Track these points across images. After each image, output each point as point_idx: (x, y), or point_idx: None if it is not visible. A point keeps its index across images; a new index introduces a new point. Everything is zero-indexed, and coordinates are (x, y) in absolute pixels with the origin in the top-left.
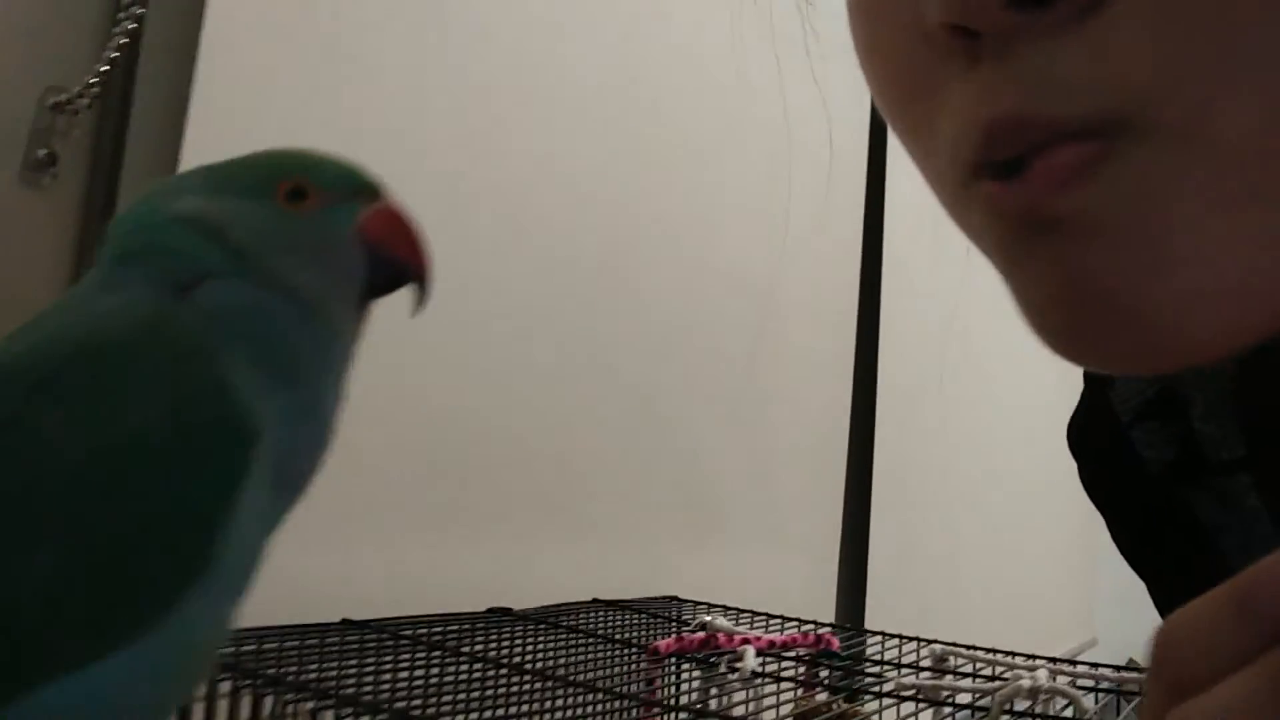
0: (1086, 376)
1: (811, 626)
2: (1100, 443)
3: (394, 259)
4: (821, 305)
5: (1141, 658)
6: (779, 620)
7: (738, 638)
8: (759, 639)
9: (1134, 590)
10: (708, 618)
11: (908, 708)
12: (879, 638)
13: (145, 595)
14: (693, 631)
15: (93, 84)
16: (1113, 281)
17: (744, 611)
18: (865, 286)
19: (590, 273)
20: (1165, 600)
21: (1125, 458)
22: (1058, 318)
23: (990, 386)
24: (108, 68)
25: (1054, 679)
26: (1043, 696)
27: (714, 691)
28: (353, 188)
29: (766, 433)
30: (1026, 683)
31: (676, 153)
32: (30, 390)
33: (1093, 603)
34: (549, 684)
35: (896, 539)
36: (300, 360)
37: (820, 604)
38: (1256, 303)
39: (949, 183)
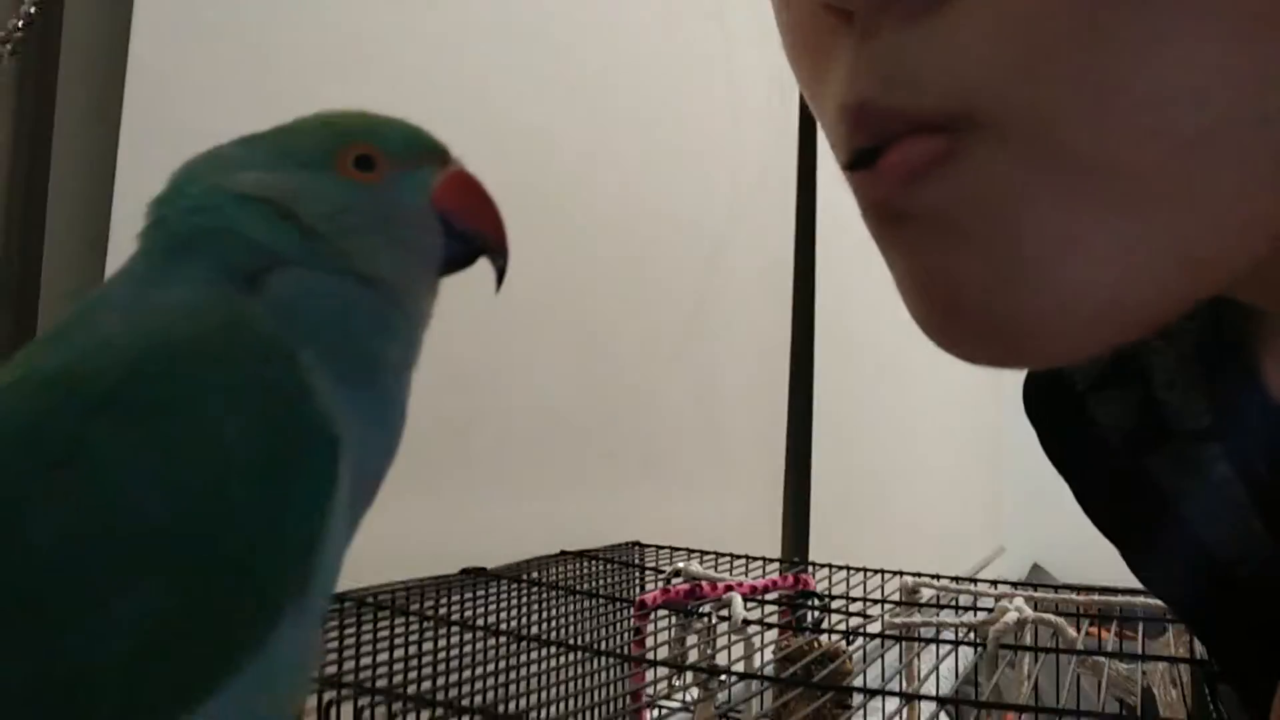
0: None
1: (778, 566)
2: (1057, 410)
3: (472, 231)
4: (763, 258)
5: (1045, 564)
6: (743, 560)
7: (721, 585)
8: (741, 585)
9: (1034, 505)
10: (682, 564)
11: (912, 644)
12: (846, 572)
13: (242, 631)
14: (665, 579)
15: (15, 29)
16: (961, 282)
17: (706, 553)
18: (801, 242)
19: (547, 233)
20: (1135, 563)
21: (1083, 426)
22: (917, 311)
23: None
24: (32, 9)
25: (1034, 607)
26: (1028, 627)
27: (691, 640)
28: (420, 152)
29: (714, 381)
30: (1013, 616)
31: (633, 110)
32: (90, 411)
33: (999, 516)
34: (545, 647)
35: (835, 473)
36: (375, 357)
37: (768, 539)
38: (1107, 310)
39: (839, 154)
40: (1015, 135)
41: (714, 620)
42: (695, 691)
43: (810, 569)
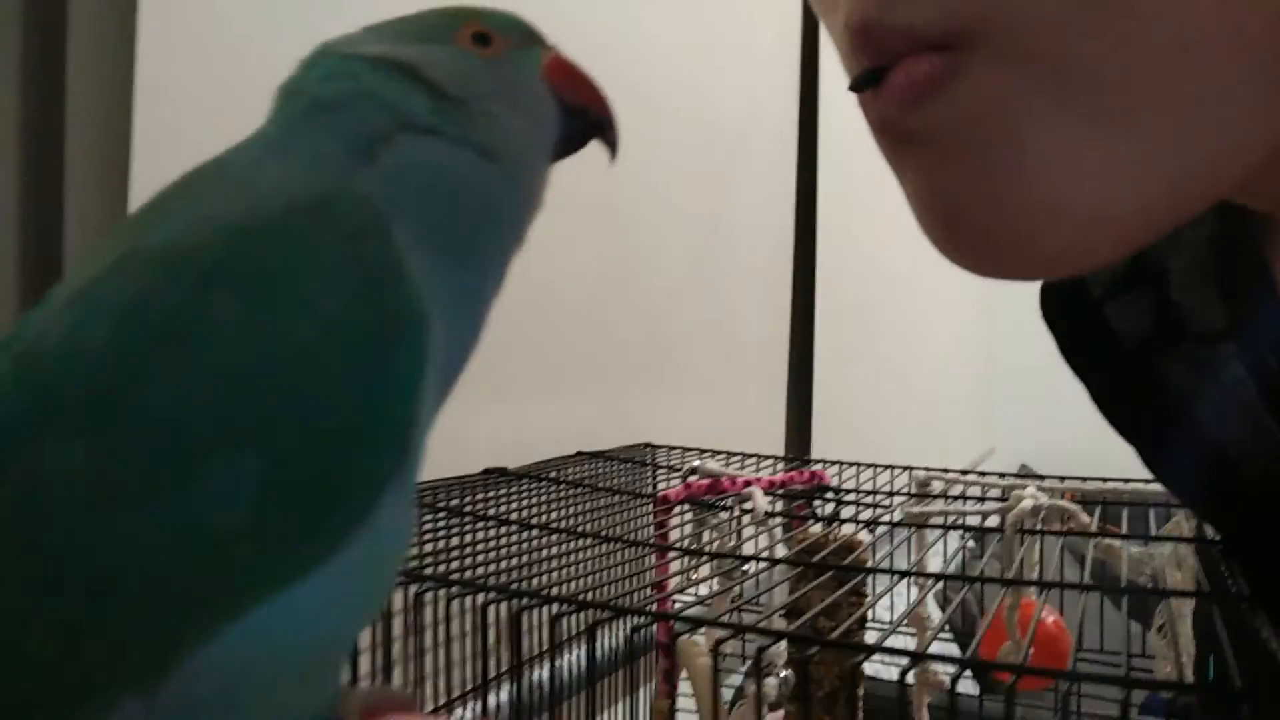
0: None
1: (783, 464)
2: (1074, 315)
3: (582, 105)
4: (769, 177)
5: (1032, 464)
6: (753, 459)
7: (740, 480)
8: (759, 480)
9: (1022, 406)
10: (696, 463)
11: (926, 535)
12: (856, 468)
13: (348, 502)
14: (682, 476)
15: None
16: (963, 197)
17: (717, 453)
18: (803, 160)
19: None
20: (1152, 462)
21: (1100, 330)
22: (928, 227)
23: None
24: None
25: (1048, 496)
26: (1043, 514)
27: (708, 536)
28: (527, 34)
29: (721, 290)
30: (1029, 502)
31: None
32: (195, 285)
33: (989, 419)
34: (574, 539)
35: (835, 378)
36: (478, 238)
37: (771, 441)
38: (1104, 220)
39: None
40: (1010, 51)
41: (737, 513)
42: (715, 584)
43: (822, 466)
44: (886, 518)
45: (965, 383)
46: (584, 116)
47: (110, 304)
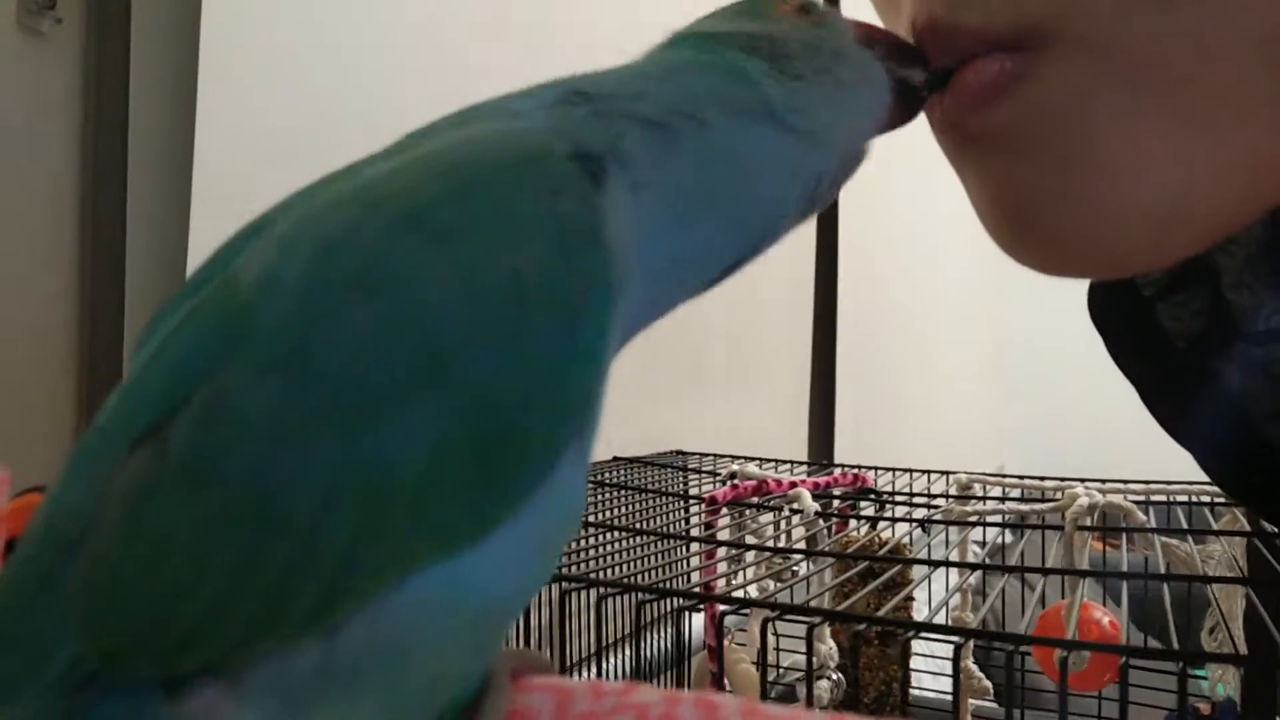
0: None
1: (818, 469)
2: (1123, 315)
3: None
4: None
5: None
6: (786, 464)
7: (786, 481)
8: (805, 481)
9: (1033, 420)
10: (736, 466)
11: (982, 533)
12: (893, 474)
13: (526, 464)
14: (721, 480)
15: None
16: (1033, 195)
17: (750, 458)
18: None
19: None
20: (1204, 462)
21: (1150, 331)
22: (993, 226)
23: (933, 254)
24: None
25: (1104, 495)
26: (1099, 511)
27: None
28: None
29: (745, 303)
30: (1085, 500)
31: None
32: (390, 230)
33: (1000, 434)
34: (632, 536)
35: (857, 390)
36: (736, 206)
37: (795, 448)
38: (1175, 217)
39: None
40: (1083, 49)
41: (787, 513)
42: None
43: (858, 470)
44: (938, 516)
45: (981, 398)
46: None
47: (311, 239)
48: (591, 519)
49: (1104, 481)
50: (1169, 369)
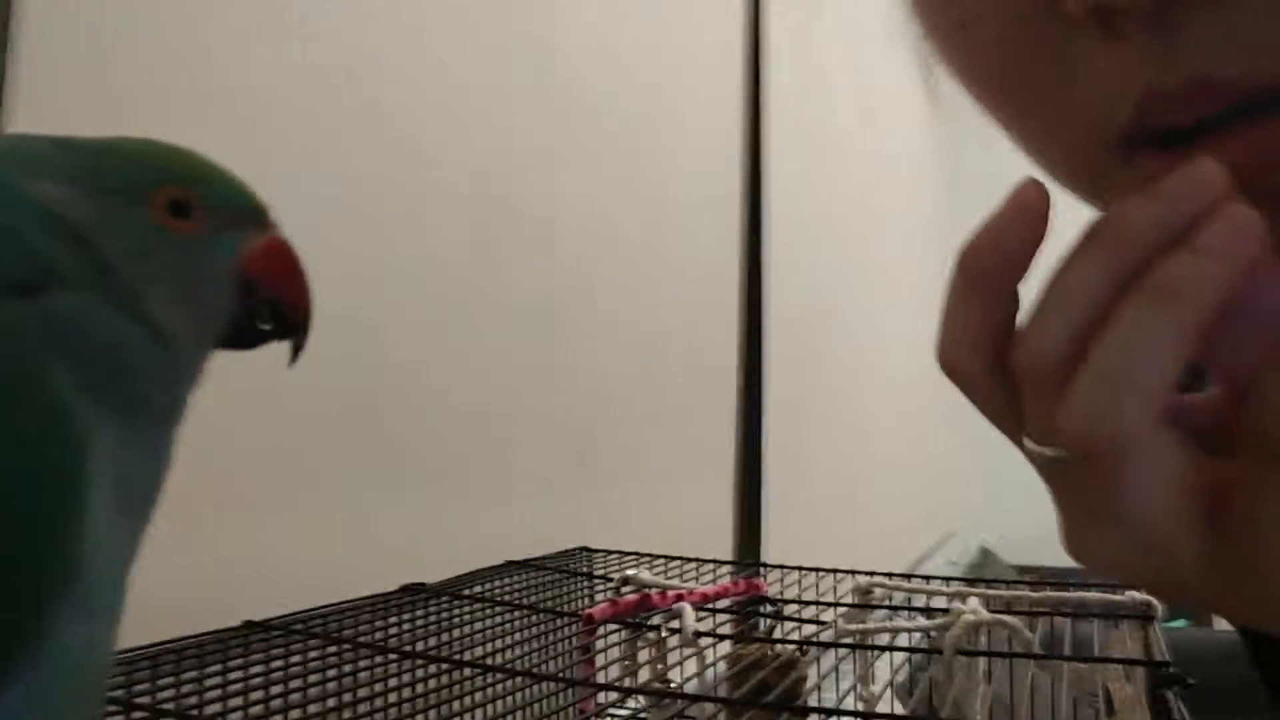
0: None
1: (729, 569)
2: None
3: (276, 302)
4: (711, 254)
5: (993, 546)
6: (694, 564)
7: (670, 594)
8: (692, 593)
9: (981, 492)
10: (631, 571)
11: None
12: (799, 574)
13: (9, 619)
14: (614, 588)
15: None
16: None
17: (656, 558)
18: (749, 245)
19: (481, 225)
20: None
21: None
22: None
23: (872, 328)
24: None
25: (988, 605)
26: (983, 630)
27: (641, 656)
28: (241, 212)
29: (662, 381)
30: (969, 618)
31: (571, 103)
32: None
33: (948, 503)
34: (478, 672)
35: (786, 470)
36: (140, 398)
37: (720, 540)
38: None
39: (1085, 152)
40: None
41: (664, 634)
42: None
43: (762, 571)
44: (827, 633)
45: (924, 467)
46: (281, 312)
47: None
48: (449, 645)
49: (1008, 584)
50: None
